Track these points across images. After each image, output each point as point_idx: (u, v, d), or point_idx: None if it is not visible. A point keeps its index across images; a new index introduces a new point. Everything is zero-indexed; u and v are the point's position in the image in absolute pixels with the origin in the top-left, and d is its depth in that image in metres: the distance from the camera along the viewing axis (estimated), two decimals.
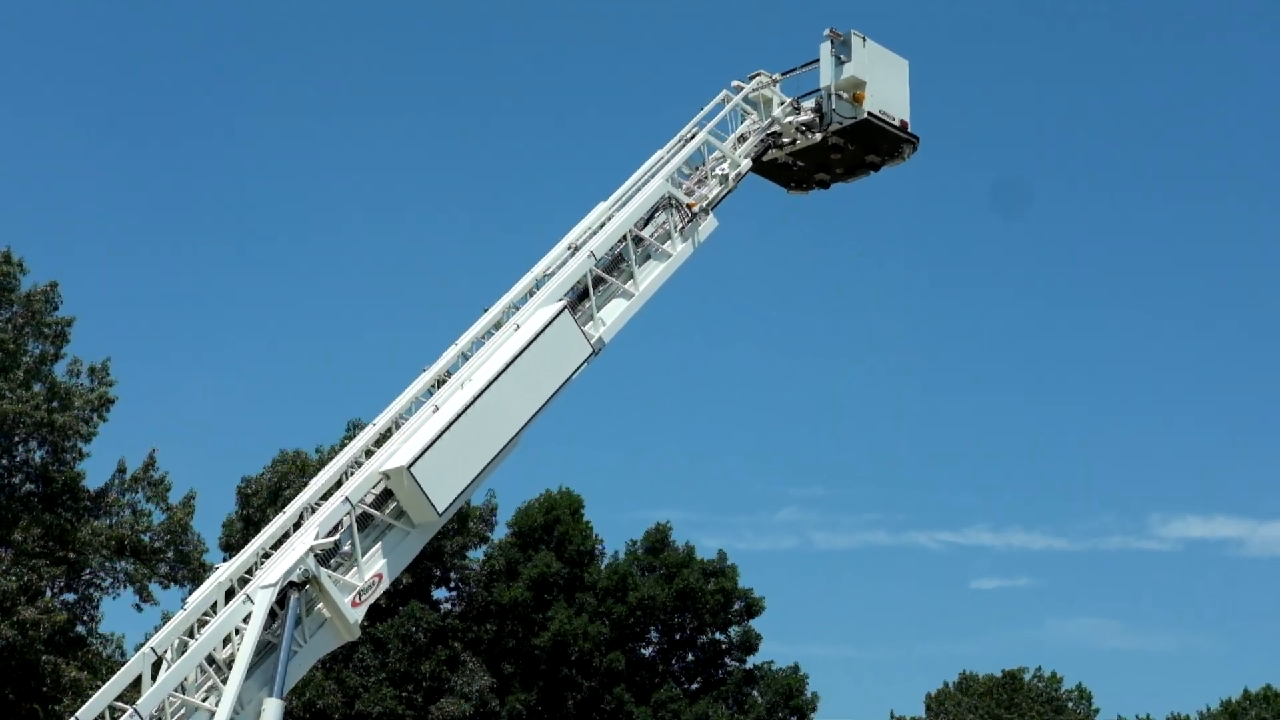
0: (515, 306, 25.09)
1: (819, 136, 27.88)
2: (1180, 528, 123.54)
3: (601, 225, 25.82)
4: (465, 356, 24.65)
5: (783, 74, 28.31)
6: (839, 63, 27.55)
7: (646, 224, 26.25)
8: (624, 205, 26.08)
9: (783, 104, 28.11)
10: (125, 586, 49.50)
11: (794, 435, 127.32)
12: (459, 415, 23.08)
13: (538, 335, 24.12)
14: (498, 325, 24.90)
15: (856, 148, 28.19)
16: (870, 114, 27.57)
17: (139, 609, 49.73)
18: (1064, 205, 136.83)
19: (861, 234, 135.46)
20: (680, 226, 26.39)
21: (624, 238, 25.72)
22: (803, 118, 28.00)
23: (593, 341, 24.85)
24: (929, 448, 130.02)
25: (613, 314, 25.49)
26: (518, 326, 24.45)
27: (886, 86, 27.88)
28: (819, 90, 27.88)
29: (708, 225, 26.72)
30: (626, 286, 25.72)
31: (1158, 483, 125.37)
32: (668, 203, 26.41)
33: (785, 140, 28.09)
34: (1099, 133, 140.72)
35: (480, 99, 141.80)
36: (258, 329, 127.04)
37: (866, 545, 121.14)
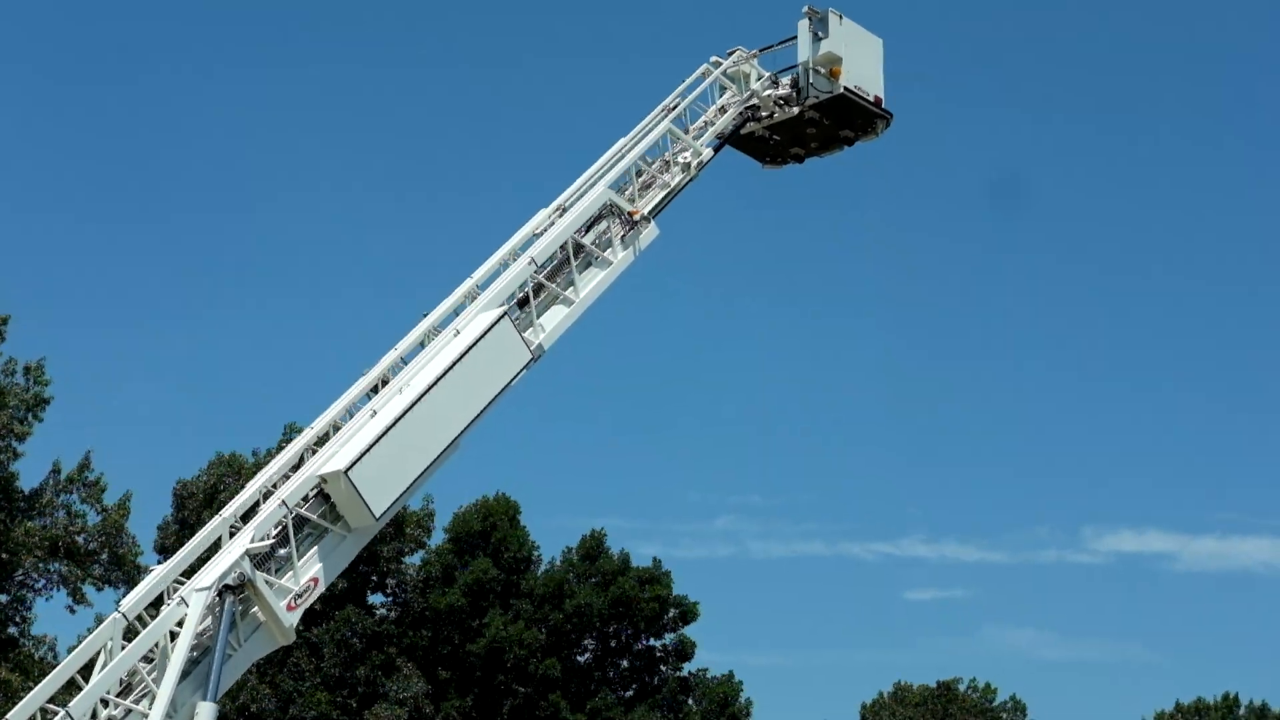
0: (455, 312, 25.09)
1: (796, 110, 28.63)
2: (1113, 541, 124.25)
3: (543, 231, 25.87)
4: (404, 361, 24.64)
5: (760, 50, 28.93)
6: (816, 39, 28.43)
7: (588, 231, 26.29)
8: (565, 211, 26.14)
9: (761, 78, 28.74)
10: (59, 588, 49.19)
11: (733, 444, 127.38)
12: (397, 420, 23.04)
13: (477, 341, 24.10)
14: (437, 330, 24.89)
15: (832, 122, 28.91)
16: (846, 89, 28.37)
17: (72, 611, 49.45)
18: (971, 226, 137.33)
19: (811, 239, 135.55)
20: (621, 234, 26.44)
21: (565, 245, 25.76)
22: (780, 91, 28.69)
23: (532, 348, 24.86)
24: (867, 459, 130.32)
25: (553, 320, 25.51)
26: (457, 332, 24.44)
27: (862, 63, 28.69)
28: (796, 66, 28.67)
29: (649, 233, 26.81)
30: (567, 293, 25.73)
31: (1091, 497, 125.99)
32: (609, 210, 26.46)
33: (763, 114, 28.74)
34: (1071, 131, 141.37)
35: (435, 98, 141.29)
36: (195, 331, 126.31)
37: (803, 555, 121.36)
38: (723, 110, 28.43)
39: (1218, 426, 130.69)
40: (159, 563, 25.01)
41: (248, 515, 23.03)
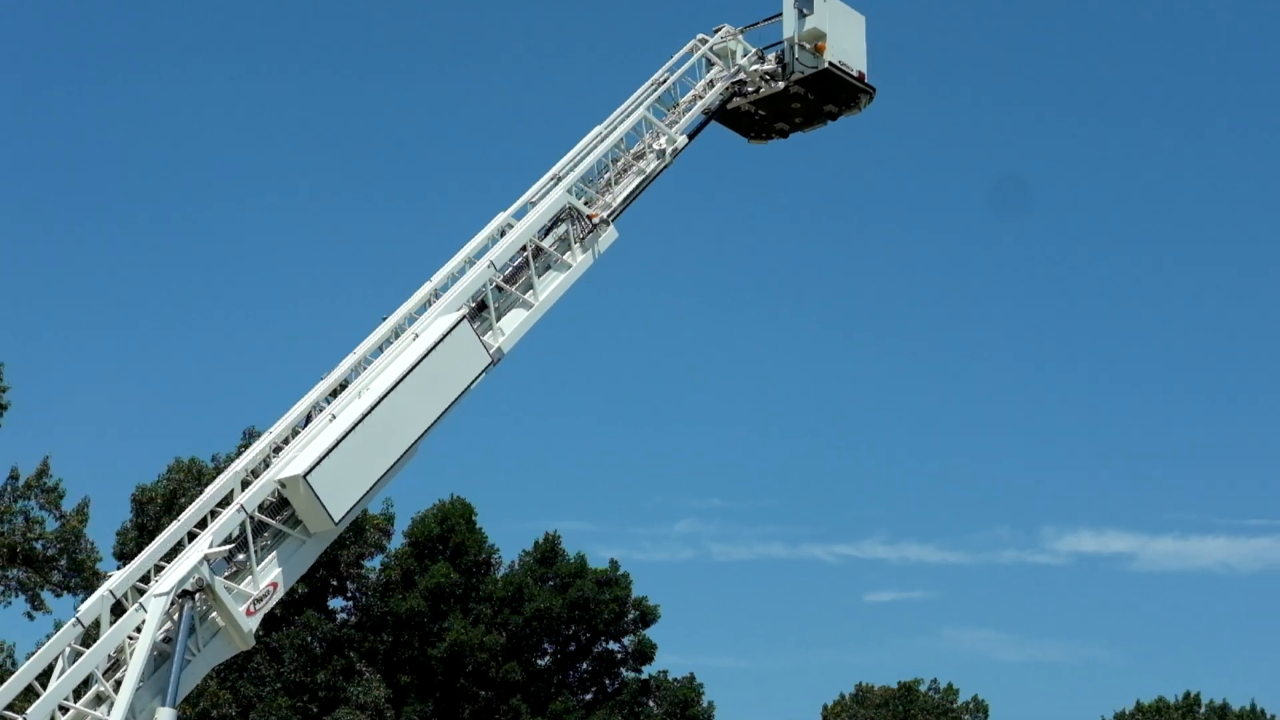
0: (414, 315, 25.06)
1: (781, 85, 29.28)
2: (1073, 542, 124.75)
3: (501, 234, 25.88)
4: (364, 365, 24.59)
5: (746, 27, 29.59)
6: (801, 15, 29.11)
7: (547, 234, 26.33)
8: (524, 214, 26.16)
9: (747, 54, 29.40)
10: (17, 594, 49.03)
11: (693, 447, 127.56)
12: (356, 424, 23.02)
13: (437, 344, 24.09)
14: (397, 334, 24.85)
15: (816, 97, 29.65)
16: (831, 64, 29.04)
17: (30, 617, 49.32)
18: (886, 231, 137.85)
19: (774, 240, 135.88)
20: (581, 237, 26.48)
21: (524, 248, 25.78)
22: (766, 67, 29.31)
23: (492, 351, 24.87)
24: (826, 462, 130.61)
25: (512, 324, 25.52)
26: (417, 335, 24.41)
27: (845, 39, 29.36)
28: (781, 42, 29.31)
29: (608, 236, 26.87)
30: (526, 297, 25.74)
31: (1050, 497, 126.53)
32: (568, 213, 26.49)
33: (749, 89, 29.40)
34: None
35: (404, 95, 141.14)
36: (153, 335, 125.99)
37: (763, 557, 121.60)
38: (710, 85, 29.02)
39: (1177, 426, 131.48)
40: (118, 569, 24.95)
41: (206, 521, 22.97)
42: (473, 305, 25.12)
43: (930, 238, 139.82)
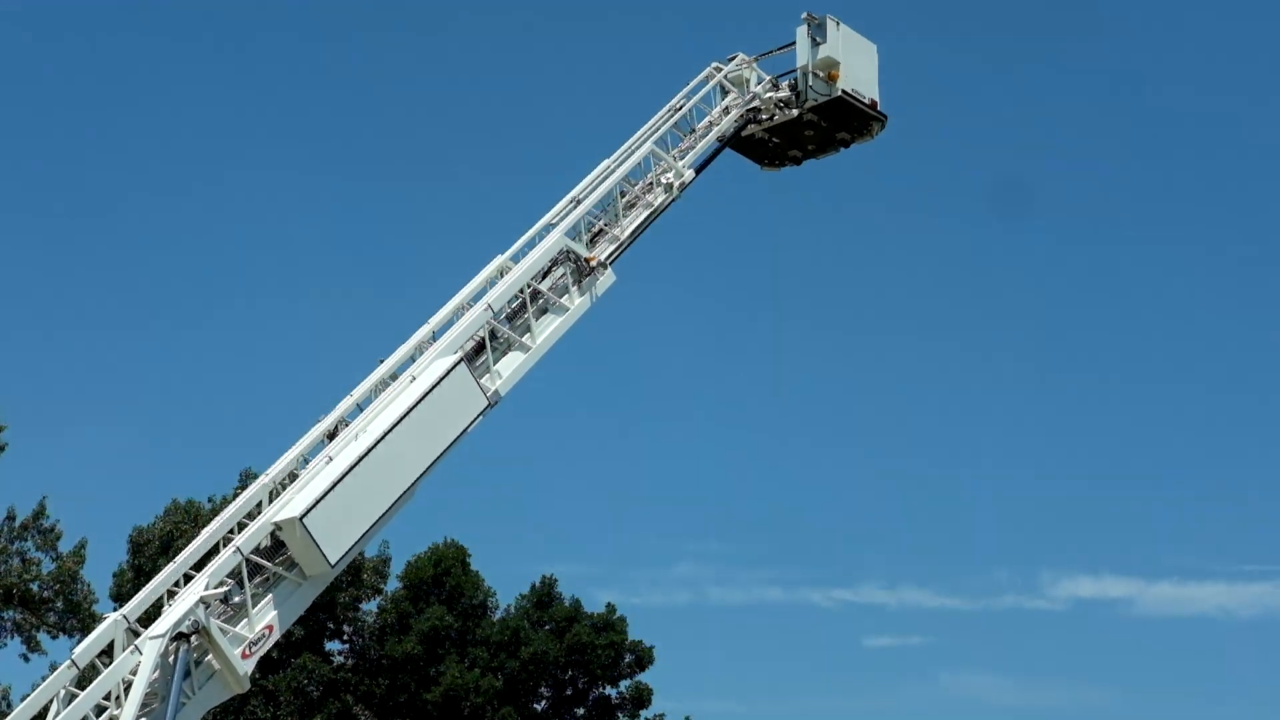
0: (412, 358, 25.10)
1: (795, 113, 29.88)
2: (1071, 586, 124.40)
3: (500, 276, 25.95)
4: (360, 407, 24.62)
5: (760, 55, 30.20)
6: (815, 44, 29.72)
7: (544, 277, 26.40)
8: (521, 257, 26.23)
9: (761, 81, 29.92)
10: (13, 636, 48.95)
11: (691, 490, 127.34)
12: (353, 466, 22.99)
13: (434, 386, 24.10)
14: (394, 376, 24.89)
15: (829, 125, 30.20)
16: (844, 91, 29.66)
17: (26, 659, 49.20)
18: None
19: (766, 282, 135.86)
20: (578, 280, 26.56)
21: (521, 291, 25.84)
22: (780, 95, 29.86)
23: (489, 394, 24.88)
24: (825, 506, 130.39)
25: (509, 367, 25.54)
26: (414, 378, 24.44)
27: (858, 68, 29.98)
28: (795, 71, 29.91)
29: (606, 279, 26.95)
30: (524, 339, 25.78)
31: (1049, 541, 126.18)
32: (566, 256, 26.57)
33: (763, 116, 29.89)
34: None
35: (412, 112, 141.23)
36: (150, 376, 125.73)
37: (761, 601, 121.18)
38: (726, 111, 29.49)
39: (1174, 471, 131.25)
40: (115, 610, 25.00)
41: (203, 562, 22.94)
42: (470, 348, 25.16)
43: (931, 278, 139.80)
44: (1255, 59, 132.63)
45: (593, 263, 26.68)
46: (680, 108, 28.98)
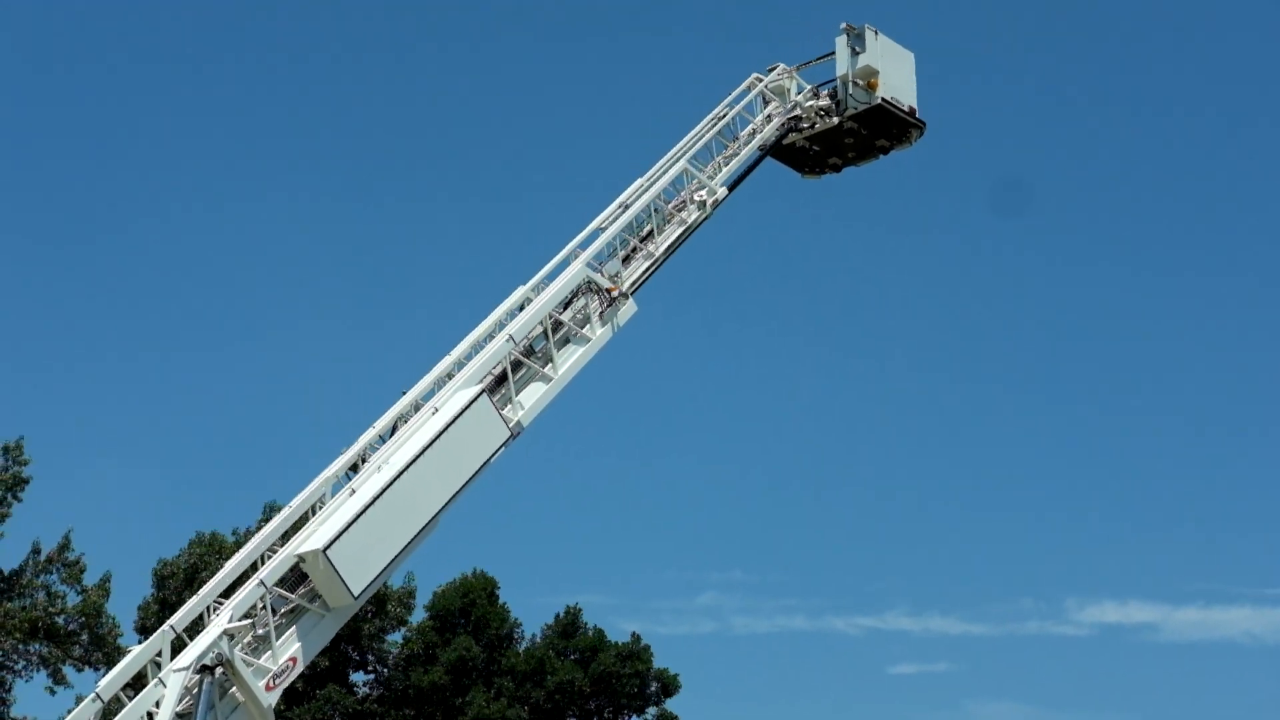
0: (435, 389, 25.14)
1: (836, 121, 30.32)
2: (1096, 613, 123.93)
3: (521, 307, 26.00)
4: (383, 439, 24.64)
5: (800, 65, 30.66)
6: (854, 54, 30.19)
7: (566, 308, 26.44)
8: (544, 288, 26.27)
9: (801, 90, 30.38)
10: (39, 669, 49.01)
11: (715, 519, 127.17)
12: (376, 498, 23.04)
13: (456, 418, 24.15)
14: (416, 407, 24.92)
15: (869, 132, 30.68)
16: (884, 99, 30.11)
17: (52, 692, 49.23)
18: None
19: (786, 311, 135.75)
20: (600, 311, 26.58)
21: (543, 321, 25.87)
22: (820, 103, 30.27)
23: (511, 425, 24.91)
24: (849, 532, 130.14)
25: (531, 397, 25.57)
26: (436, 409, 24.47)
27: (896, 76, 30.46)
28: (834, 80, 30.35)
29: (627, 310, 27.00)
30: (545, 370, 25.81)
31: (1074, 567, 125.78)
32: (587, 287, 26.61)
33: (804, 124, 30.34)
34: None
35: (443, 131, 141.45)
36: (174, 410, 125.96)
37: (785, 630, 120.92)
38: (768, 119, 29.90)
39: (1200, 495, 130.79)
40: (139, 643, 25.07)
41: (227, 595, 22.99)
42: (492, 378, 25.19)
43: (953, 298, 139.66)
44: (1255, 59, 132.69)
45: (614, 293, 26.73)
46: (723, 116, 29.38)
